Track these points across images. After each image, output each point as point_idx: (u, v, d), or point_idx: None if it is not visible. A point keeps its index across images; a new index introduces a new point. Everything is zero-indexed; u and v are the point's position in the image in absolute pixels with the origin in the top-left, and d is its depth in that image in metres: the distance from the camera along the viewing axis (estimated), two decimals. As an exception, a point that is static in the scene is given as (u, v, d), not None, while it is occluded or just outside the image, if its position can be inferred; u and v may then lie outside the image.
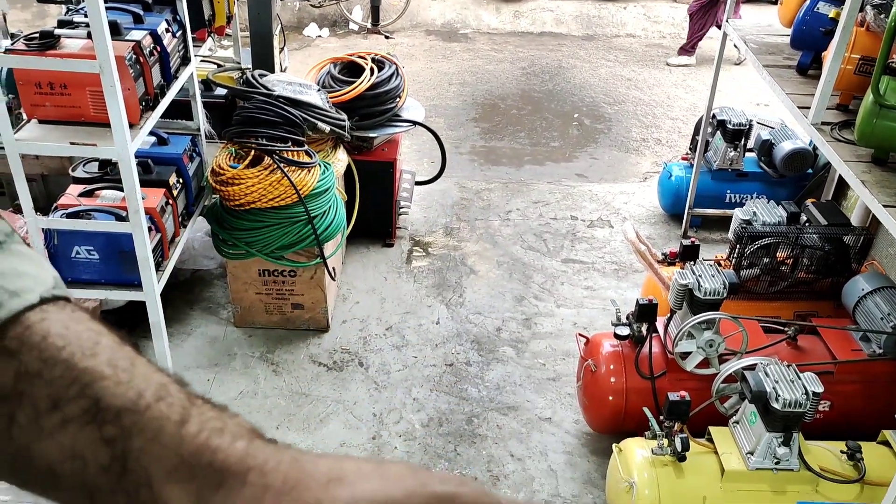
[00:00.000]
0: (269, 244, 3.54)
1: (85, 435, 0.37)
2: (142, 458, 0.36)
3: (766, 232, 3.24)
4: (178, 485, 0.35)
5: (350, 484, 0.33)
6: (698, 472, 2.52)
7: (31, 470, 0.37)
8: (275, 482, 0.35)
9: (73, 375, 0.38)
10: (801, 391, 2.38)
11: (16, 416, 0.37)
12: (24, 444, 0.37)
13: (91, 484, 0.37)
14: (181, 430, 0.37)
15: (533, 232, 4.78)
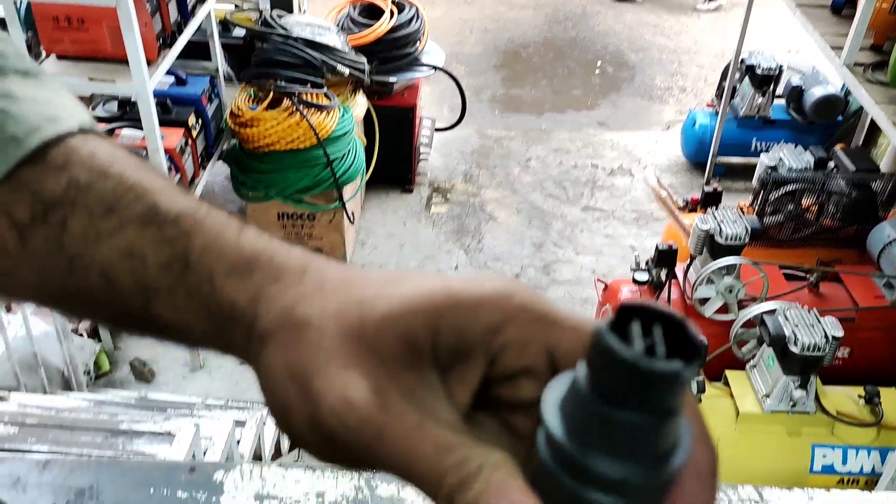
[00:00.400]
0: (288, 187, 3.54)
1: (144, 235, 0.36)
2: (203, 256, 0.36)
3: (791, 177, 3.18)
4: (238, 279, 0.35)
5: (411, 279, 0.32)
6: (713, 414, 2.52)
7: (83, 279, 0.37)
8: (332, 279, 0.34)
9: (127, 186, 0.37)
10: (820, 335, 2.36)
11: (68, 222, 0.36)
12: (78, 250, 0.36)
13: (150, 284, 0.36)
14: (240, 235, 0.37)
15: (553, 180, 4.74)
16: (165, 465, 1.38)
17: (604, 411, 0.23)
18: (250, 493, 1.22)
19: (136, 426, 1.82)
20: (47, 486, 1.24)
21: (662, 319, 0.24)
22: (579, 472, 0.24)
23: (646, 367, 0.22)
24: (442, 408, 0.30)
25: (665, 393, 0.23)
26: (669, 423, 0.24)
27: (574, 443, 0.24)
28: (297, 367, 0.31)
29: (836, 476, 2.46)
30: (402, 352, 0.30)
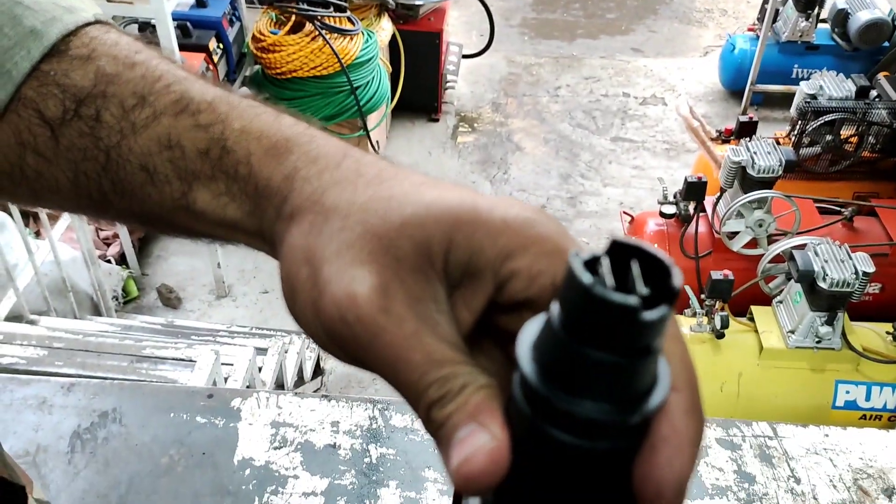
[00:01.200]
0: (312, 114, 3.50)
1: (180, 123, 0.36)
2: (241, 138, 0.35)
3: (831, 107, 3.05)
4: (275, 159, 0.35)
5: (437, 186, 0.32)
6: (736, 349, 2.51)
7: (121, 173, 0.36)
8: (368, 171, 0.33)
9: (156, 75, 0.37)
10: (850, 271, 2.30)
11: (101, 115, 0.36)
12: (115, 142, 0.36)
13: (189, 171, 0.36)
14: (277, 118, 0.36)
15: (582, 109, 4.62)
16: (185, 390, 1.41)
17: (569, 347, 0.23)
18: (267, 420, 1.24)
19: (159, 352, 1.86)
20: (72, 407, 1.27)
21: (650, 260, 0.23)
22: (545, 409, 0.23)
23: (598, 295, 0.21)
24: (443, 321, 0.29)
25: (629, 329, 0.22)
26: (641, 365, 0.23)
27: (541, 379, 0.23)
28: (313, 250, 0.31)
29: (858, 412, 2.44)
30: (416, 257, 0.29)
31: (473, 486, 0.25)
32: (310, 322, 0.31)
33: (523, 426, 0.25)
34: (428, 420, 0.28)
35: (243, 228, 0.36)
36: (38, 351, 1.83)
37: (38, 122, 0.36)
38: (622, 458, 0.24)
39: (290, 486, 1.13)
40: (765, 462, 1.21)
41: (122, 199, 0.37)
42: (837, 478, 1.19)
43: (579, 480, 0.24)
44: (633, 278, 0.23)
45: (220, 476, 1.15)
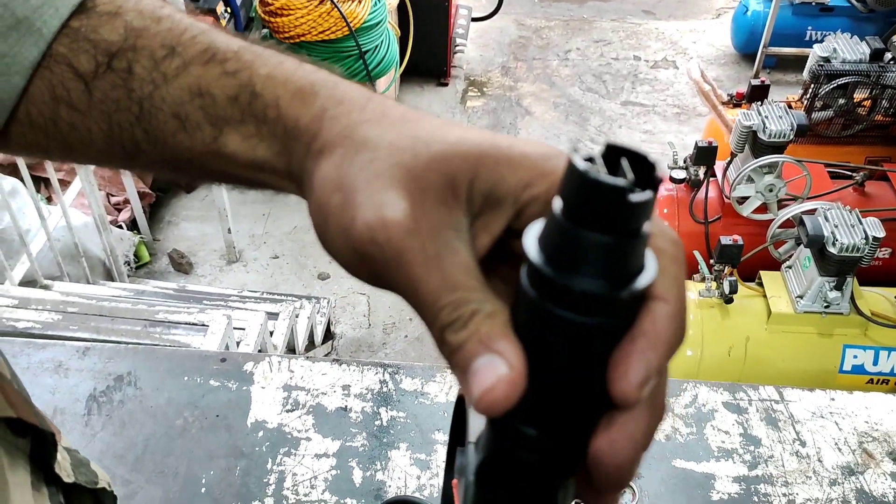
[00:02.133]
0: (320, 79, 3.47)
1: (209, 72, 0.37)
2: (268, 83, 0.37)
3: (845, 70, 3.01)
4: (302, 102, 0.36)
5: (459, 127, 0.34)
6: (744, 313, 2.51)
7: (154, 122, 0.38)
8: (393, 113, 0.35)
9: (181, 28, 0.38)
10: (860, 236, 2.29)
11: (133, 67, 0.37)
12: (148, 93, 0.38)
13: (220, 116, 0.37)
14: (301, 65, 0.38)
15: (592, 73, 4.57)
16: (198, 354, 1.43)
17: (568, 231, 0.26)
18: (279, 383, 1.26)
19: (172, 317, 1.89)
20: (88, 371, 1.30)
21: (638, 158, 0.26)
22: (548, 288, 0.26)
23: (593, 178, 0.25)
24: (462, 248, 0.31)
25: (619, 210, 0.25)
26: (629, 245, 0.26)
27: (543, 261, 0.26)
28: (344, 178, 0.33)
29: (865, 376, 2.45)
30: (442, 188, 0.32)
31: (495, 412, 0.27)
32: (341, 247, 0.33)
33: (528, 309, 0.28)
34: (441, 342, 0.30)
35: (271, 168, 0.38)
36: (53, 315, 1.86)
37: (71, 77, 0.37)
38: (614, 335, 0.27)
39: (302, 448, 1.15)
40: (770, 425, 1.22)
41: (155, 147, 0.39)
42: (843, 441, 1.20)
43: (577, 357, 0.27)
44: (623, 170, 0.25)
45: (233, 438, 1.17)
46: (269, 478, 1.10)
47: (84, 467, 0.57)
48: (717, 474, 1.14)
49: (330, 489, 1.09)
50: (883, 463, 1.17)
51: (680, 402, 1.24)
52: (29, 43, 0.37)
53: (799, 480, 1.13)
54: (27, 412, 0.46)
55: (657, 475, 1.13)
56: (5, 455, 0.44)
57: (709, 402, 1.25)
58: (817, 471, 1.15)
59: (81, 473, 0.56)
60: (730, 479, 1.13)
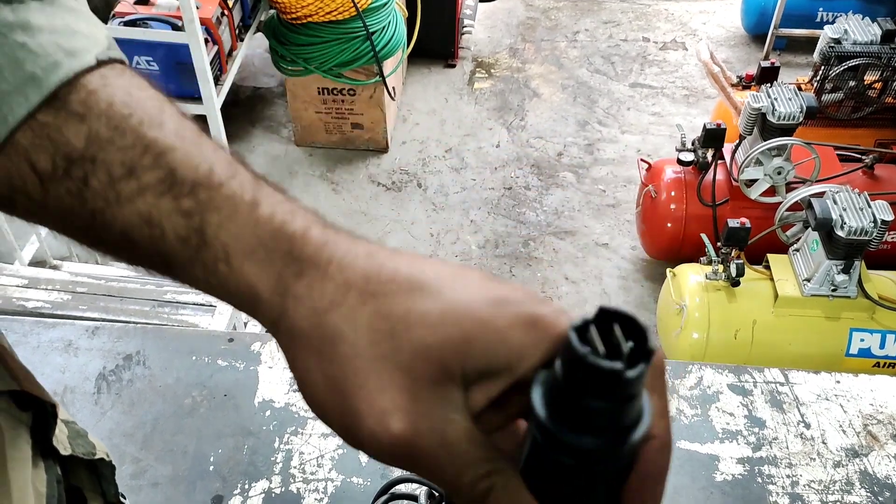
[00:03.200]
0: (327, 61, 3.46)
1: (162, 204, 0.37)
2: (220, 233, 0.36)
3: (855, 52, 2.98)
4: (257, 265, 0.36)
5: (435, 293, 0.34)
6: (751, 297, 2.51)
7: (105, 234, 0.38)
8: (356, 280, 0.35)
9: (145, 144, 0.37)
10: (869, 219, 2.28)
11: (89, 179, 0.36)
12: (100, 207, 0.37)
13: (168, 253, 0.37)
14: (255, 211, 0.37)
15: (601, 54, 4.54)
16: (206, 334, 1.44)
17: (571, 397, 0.29)
18: (286, 363, 1.27)
19: (180, 297, 1.90)
20: (97, 350, 1.31)
21: (629, 322, 0.29)
22: (556, 442, 0.30)
23: (591, 363, 0.28)
24: (459, 418, 0.33)
25: (618, 384, 0.28)
26: (627, 406, 0.29)
27: (551, 420, 0.30)
28: (335, 380, 0.34)
29: (871, 360, 2.45)
30: (433, 374, 0.33)
31: None
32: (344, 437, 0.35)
33: (542, 461, 0.32)
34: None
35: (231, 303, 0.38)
36: (62, 295, 1.87)
37: (28, 171, 0.36)
38: (619, 475, 0.31)
39: (309, 428, 1.17)
40: (775, 407, 1.23)
41: (109, 250, 0.39)
42: (847, 423, 1.21)
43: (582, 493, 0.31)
44: (618, 339, 0.29)
45: (241, 417, 1.18)
46: (276, 456, 1.12)
47: (82, 438, 0.57)
48: (722, 455, 1.14)
49: (336, 468, 1.10)
50: (887, 445, 1.17)
51: (685, 383, 1.25)
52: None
53: (803, 462, 1.14)
54: (30, 384, 0.47)
55: (661, 456, 1.13)
56: (9, 430, 0.45)
57: (714, 383, 1.25)
58: (821, 453, 1.16)
59: (79, 445, 0.56)
60: (734, 460, 1.14)
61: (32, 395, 0.46)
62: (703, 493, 1.09)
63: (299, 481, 1.08)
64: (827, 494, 1.10)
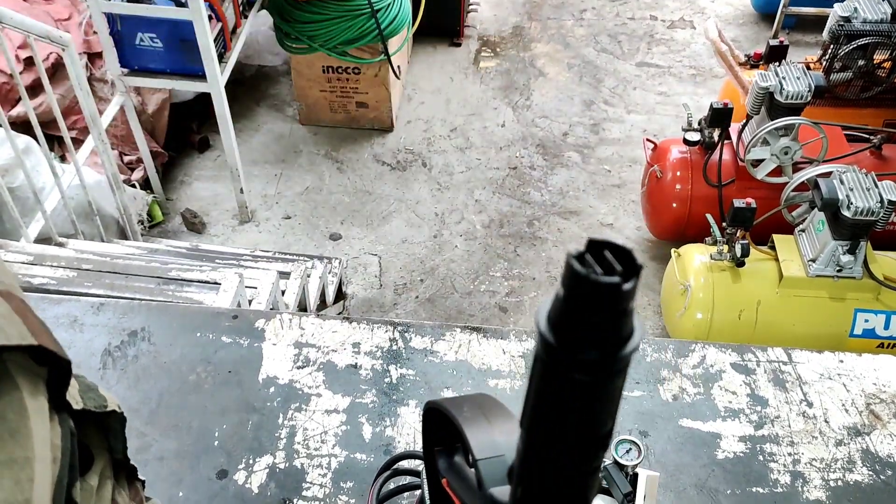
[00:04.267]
0: (332, 38, 3.44)
1: None
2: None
3: (865, 30, 2.94)
4: None
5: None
6: (755, 277, 2.50)
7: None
8: None
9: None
10: (875, 199, 2.27)
11: None
12: None
13: None
14: None
15: (608, 33, 4.50)
16: (211, 311, 1.44)
17: (573, 314, 0.33)
18: (290, 340, 1.28)
19: (185, 274, 1.90)
20: (102, 326, 1.31)
21: (617, 249, 0.33)
22: (559, 357, 0.34)
23: (593, 280, 0.31)
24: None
25: (615, 296, 0.32)
26: (623, 319, 0.33)
27: (555, 337, 0.33)
28: None
29: (875, 340, 2.45)
30: None
31: None
32: None
33: (547, 377, 0.36)
34: None
35: None
36: (68, 272, 1.88)
37: None
38: (617, 383, 0.35)
39: (313, 404, 1.17)
40: (778, 386, 1.23)
41: None
42: (850, 402, 1.21)
43: (589, 400, 0.35)
44: (609, 260, 0.33)
45: (245, 393, 1.19)
46: (280, 432, 1.12)
47: (93, 392, 0.58)
48: (723, 434, 1.15)
49: (340, 444, 1.11)
50: (890, 424, 1.17)
51: (688, 362, 1.25)
52: None
53: (805, 441, 1.14)
54: (47, 339, 0.47)
55: (663, 434, 1.14)
56: (28, 384, 0.45)
57: (717, 362, 1.25)
58: (823, 431, 1.16)
59: (90, 399, 0.57)
60: (735, 438, 1.14)
61: (49, 350, 0.46)
62: (705, 470, 1.09)
63: (303, 457, 1.09)
64: (828, 472, 1.10)
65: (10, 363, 0.44)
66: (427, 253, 3.27)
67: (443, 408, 0.58)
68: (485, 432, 0.53)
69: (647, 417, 1.16)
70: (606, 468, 0.84)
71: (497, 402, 0.56)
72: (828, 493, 1.07)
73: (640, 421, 1.15)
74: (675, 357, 1.25)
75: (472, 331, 1.29)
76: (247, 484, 1.06)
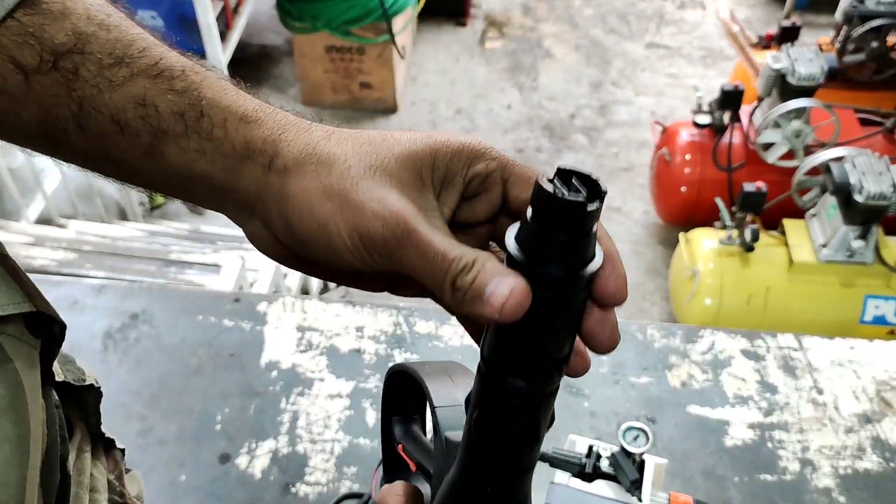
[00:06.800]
0: (335, 17, 3.40)
1: (155, 86, 0.39)
2: (214, 105, 0.40)
3: (879, 12, 2.89)
4: (249, 126, 0.40)
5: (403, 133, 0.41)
6: (765, 262, 2.48)
7: (90, 120, 0.39)
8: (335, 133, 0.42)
9: (130, 39, 0.40)
10: (888, 184, 2.24)
11: (79, 69, 0.39)
12: (90, 94, 0.39)
13: (160, 128, 0.40)
14: (240, 93, 0.42)
15: (616, 13, 4.44)
16: (212, 294, 1.43)
17: (541, 233, 0.35)
18: (292, 324, 1.26)
19: (186, 257, 1.89)
20: (102, 308, 1.30)
21: (585, 176, 0.35)
22: (528, 274, 0.35)
23: (559, 197, 0.34)
24: (440, 221, 0.40)
25: (580, 216, 0.34)
26: (586, 240, 0.35)
27: (523, 254, 0.35)
28: (334, 187, 0.39)
29: (886, 327, 2.42)
30: (414, 180, 0.40)
31: (514, 316, 0.35)
32: (345, 243, 0.39)
33: None
34: (455, 288, 0.37)
35: (209, 182, 0.41)
36: (68, 254, 1.86)
37: (11, 68, 0.38)
38: (577, 302, 0.37)
39: (315, 388, 1.16)
40: (788, 373, 1.21)
41: (89, 143, 0.40)
42: (860, 389, 1.19)
43: (550, 321, 0.37)
44: (576, 185, 0.35)
45: (247, 377, 1.18)
46: (282, 417, 1.11)
47: (71, 364, 0.57)
48: (732, 420, 1.13)
49: (343, 429, 1.10)
50: (902, 412, 1.15)
51: (696, 348, 1.23)
52: None
53: (814, 428, 1.12)
54: (42, 302, 0.45)
55: (671, 421, 1.12)
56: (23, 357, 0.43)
57: (726, 349, 1.23)
58: (833, 419, 1.14)
59: (69, 371, 0.56)
60: (744, 425, 1.12)
61: (46, 314, 0.44)
62: (713, 457, 1.08)
63: (306, 441, 1.08)
64: (838, 460, 1.08)
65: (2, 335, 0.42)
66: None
67: (408, 367, 0.58)
68: (446, 386, 0.53)
69: (654, 404, 1.14)
70: (614, 455, 0.83)
71: (464, 368, 0.56)
72: (837, 480, 1.06)
73: (647, 407, 1.13)
74: (684, 343, 1.23)
75: (477, 315, 1.26)
76: (249, 468, 1.05)
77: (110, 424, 1.14)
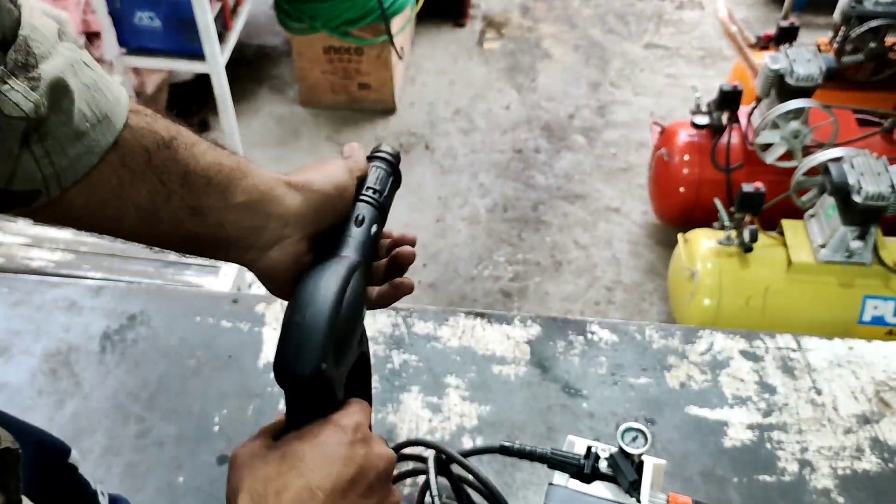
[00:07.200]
0: (334, 18, 3.40)
1: (220, 153, 0.64)
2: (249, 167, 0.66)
3: (877, 12, 2.89)
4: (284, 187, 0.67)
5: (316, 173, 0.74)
6: (764, 263, 2.48)
7: (192, 178, 0.61)
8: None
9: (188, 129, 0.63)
10: (886, 184, 2.24)
11: (178, 149, 0.60)
12: (190, 163, 0.61)
13: (225, 177, 0.63)
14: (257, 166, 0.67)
15: (615, 13, 4.44)
16: (210, 295, 1.43)
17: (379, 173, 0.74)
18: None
19: (184, 258, 1.88)
20: (101, 309, 1.30)
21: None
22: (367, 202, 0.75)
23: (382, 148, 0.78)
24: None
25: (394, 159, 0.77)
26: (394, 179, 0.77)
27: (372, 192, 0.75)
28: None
29: (885, 328, 2.42)
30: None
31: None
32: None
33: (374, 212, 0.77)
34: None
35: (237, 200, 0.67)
36: (66, 255, 1.86)
37: (140, 150, 0.58)
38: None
39: (314, 389, 1.15)
40: (787, 374, 1.21)
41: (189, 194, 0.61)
42: (859, 389, 1.18)
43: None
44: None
45: (245, 378, 1.17)
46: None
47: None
48: (731, 421, 1.13)
49: (341, 430, 1.09)
50: (900, 413, 1.15)
51: (695, 349, 1.23)
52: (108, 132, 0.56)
53: (813, 428, 1.12)
54: None
55: (670, 422, 1.12)
56: None
57: (725, 349, 1.23)
58: (832, 419, 1.14)
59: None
60: (743, 426, 1.12)
61: None
62: (712, 458, 1.07)
63: (303, 443, 1.07)
64: (837, 461, 1.08)
65: None
66: (430, 237, 3.25)
67: None
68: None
69: (653, 404, 1.14)
70: (613, 456, 0.83)
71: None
72: (836, 481, 1.06)
73: (646, 408, 1.13)
74: (682, 343, 1.23)
75: (475, 316, 1.26)
76: (246, 470, 1.04)
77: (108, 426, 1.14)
